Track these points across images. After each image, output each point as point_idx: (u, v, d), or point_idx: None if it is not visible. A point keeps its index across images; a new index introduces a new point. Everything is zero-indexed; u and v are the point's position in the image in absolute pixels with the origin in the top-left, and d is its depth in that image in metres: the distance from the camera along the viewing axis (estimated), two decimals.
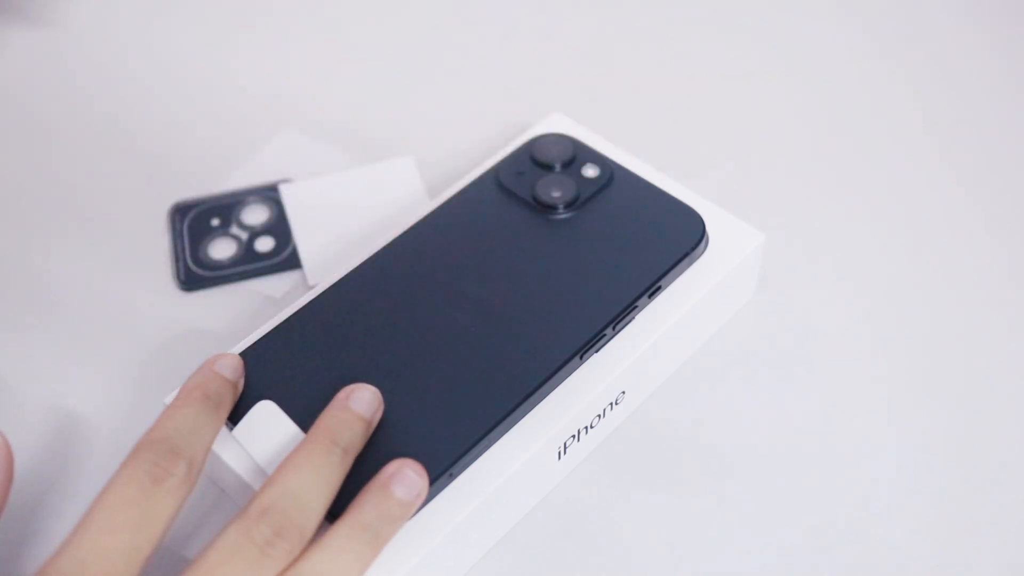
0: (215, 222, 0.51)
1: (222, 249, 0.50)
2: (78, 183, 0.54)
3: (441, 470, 0.37)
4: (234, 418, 0.38)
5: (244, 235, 0.51)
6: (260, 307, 0.48)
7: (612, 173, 0.46)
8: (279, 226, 0.51)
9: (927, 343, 0.47)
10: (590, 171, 0.46)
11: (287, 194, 0.51)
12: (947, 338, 0.47)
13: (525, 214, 0.45)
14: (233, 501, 0.42)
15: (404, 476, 0.36)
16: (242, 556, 0.32)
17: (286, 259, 0.50)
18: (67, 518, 0.41)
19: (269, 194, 0.52)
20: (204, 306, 0.48)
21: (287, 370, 0.40)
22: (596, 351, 0.41)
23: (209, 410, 0.36)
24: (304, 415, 0.38)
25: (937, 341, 0.47)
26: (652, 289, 0.42)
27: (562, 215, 0.44)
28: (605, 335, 0.41)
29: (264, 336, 0.41)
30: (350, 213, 0.51)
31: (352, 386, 0.38)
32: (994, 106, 0.57)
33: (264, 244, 0.50)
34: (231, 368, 0.38)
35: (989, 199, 0.53)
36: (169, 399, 0.40)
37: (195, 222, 0.51)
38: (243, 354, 0.40)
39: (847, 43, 0.61)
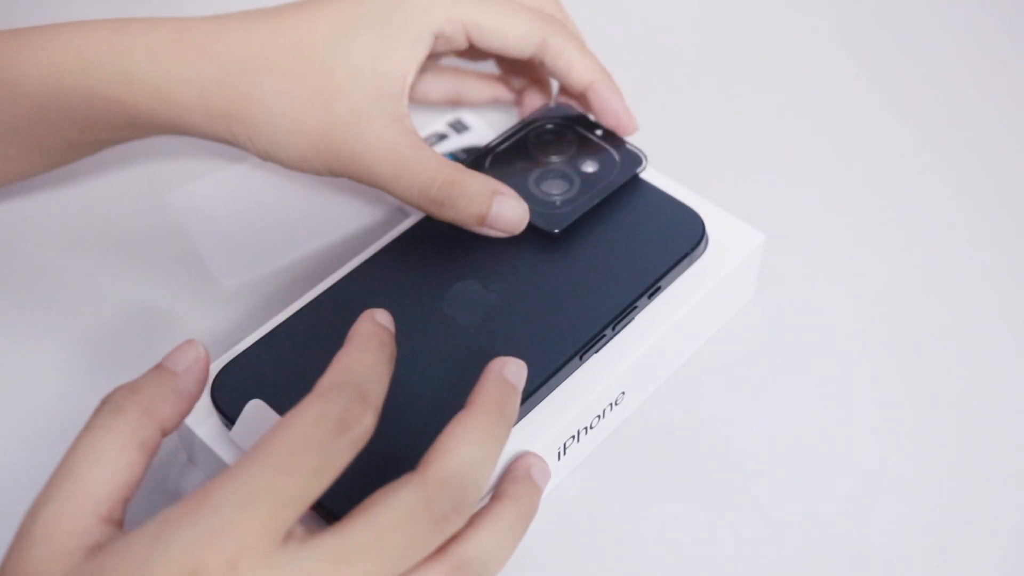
0: None
1: None
2: (93, 181, 0.54)
3: None
4: (232, 418, 0.38)
5: None
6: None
7: None
8: None
9: (925, 343, 0.47)
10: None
11: None
12: (945, 338, 0.47)
13: None
14: None
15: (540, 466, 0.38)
16: (419, 525, 0.31)
17: None
18: None
19: None
20: (217, 308, 0.48)
21: (284, 372, 0.40)
22: (596, 351, 0.41)
23: (388, 359, 0.34)
24: None
25: (935, 341, 0.47)
26: (652, 289, 0.42)
27: None
28: (605, 335, 0.41)
29: (262, 338, 0.41)
30: None
31: (499, 359, 0.35)
32: (991, 112, 0.57)
33: None
34: (387, 317, 0.35)
35: (986, 202, 0.53)
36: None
37: None
38: (240, 356, 0.40)
39: (848, 45, 0.61)
